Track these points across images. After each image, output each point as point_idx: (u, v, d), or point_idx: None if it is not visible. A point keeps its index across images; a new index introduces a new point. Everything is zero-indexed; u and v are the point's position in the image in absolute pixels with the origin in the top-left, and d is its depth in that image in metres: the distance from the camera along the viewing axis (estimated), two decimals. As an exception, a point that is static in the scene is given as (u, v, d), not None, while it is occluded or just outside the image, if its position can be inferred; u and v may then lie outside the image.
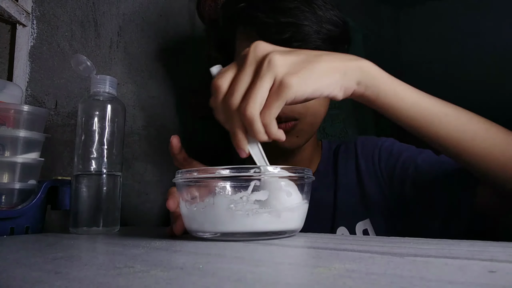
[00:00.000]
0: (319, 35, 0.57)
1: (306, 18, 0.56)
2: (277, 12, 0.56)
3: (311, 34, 0.57)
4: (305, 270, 0.23)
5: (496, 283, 0.18)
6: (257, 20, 0.57)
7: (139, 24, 0.84)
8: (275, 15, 0.56)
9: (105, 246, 0.39)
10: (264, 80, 0.37)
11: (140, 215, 0.80)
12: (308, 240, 0.39)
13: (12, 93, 0.55)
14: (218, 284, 0.19)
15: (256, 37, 0.58)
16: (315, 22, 0.57)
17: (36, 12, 0.65)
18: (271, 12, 0.57)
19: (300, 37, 0.56)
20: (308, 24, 0.56)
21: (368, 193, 0.64)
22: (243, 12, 0.60)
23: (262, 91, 0.37)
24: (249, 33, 0.60)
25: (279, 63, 0.37)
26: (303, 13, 0.56)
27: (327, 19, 0.58)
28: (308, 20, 0.56)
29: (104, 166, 0.52)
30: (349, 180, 0.66)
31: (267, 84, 0.37)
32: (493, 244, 0.31)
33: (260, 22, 0.57)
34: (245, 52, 0.39)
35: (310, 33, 0.56)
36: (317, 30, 0.57)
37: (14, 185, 0.51)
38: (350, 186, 0.66)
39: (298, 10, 0.56)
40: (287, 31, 0.56)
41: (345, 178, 0.67)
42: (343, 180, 0.66)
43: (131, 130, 0.80)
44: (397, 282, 0.19)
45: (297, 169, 0.39)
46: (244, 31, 0.62)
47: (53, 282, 0.21)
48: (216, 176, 0.37)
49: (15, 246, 0.39)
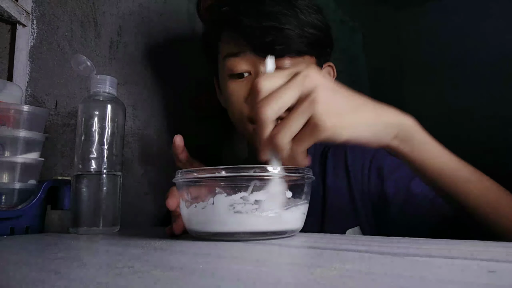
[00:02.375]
0: (301, 39, 0.58)
1: (288, 21, 0.57)
2: (260, 16, 0.57)
3: (294, 38, 0.57)
4: (305, 270, 0.23)
5: (496, 283, 0.18)
6: (241, 24, 0.58)
7: (139, 24, 0.84)
8: (258, 19, 0.57)
9: (105, 246, 0.39)
10: (302, 114, 0.36)
11: (140, 215, 0.80)
12: (308, 240, 0.39)
13: (12, 93, 0.55)
14: (218, 284, 0.19)
15: (240, 39, 0.59)
16: (297, 25, 0.57)
17: (36, 12, 0.65)
18: (254, 16, 0.57)
19: (282, 40, 0.57)
20: (290, 28, 0.57)
21: (357, 201, 0.63)
22: (227, 15, 0.61)
23: (297, 123, 0.37)
24: (233, 36, 0.61)
25: (322, 102, 0.36)
26: (285, 16, 0.57)
27: (310, 23, 0.59)
28: (291, 24, 0.57)
29: (104, 166, 0.52)
30: (339, 187, 0.65)
31: (304, 118, 0.37)
32: (493, 244, 0.31)
33: (244, 25, 0.58)
34: (298, 70, 0.39)
35: (292, 37, 0.57)
36: (300, 34, 0.58)
37: (14, 185, 0.51)
38: (339, 192, 0.64)
39: (281, 14, 0.57)
40: (270, 34, 0.56)
41: (335, 184, 0.65)
42: (333, 186, 0.65)
43: (131, 130, 0.80)
44: (397, 282, 0.19)
45: (297, 169, 0.39)
46: (228, 33, 0.63)
47: (53, 282, 0.21)
48: (216, 176, 0.37)
49: (15, 246, 0.39)
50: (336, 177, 0.66)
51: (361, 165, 0.64)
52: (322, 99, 0.36)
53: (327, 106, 0.37)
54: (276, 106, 0.37)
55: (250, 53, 0.59)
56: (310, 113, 0.36)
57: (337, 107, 0.37)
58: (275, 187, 0.37)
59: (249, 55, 0.60)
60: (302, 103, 0.37)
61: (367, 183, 0.63)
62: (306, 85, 0.37)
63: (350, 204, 0.63)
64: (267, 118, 0.37)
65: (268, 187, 0.37)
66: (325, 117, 0.36)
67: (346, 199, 0.63)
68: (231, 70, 0.61)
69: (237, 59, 0.61)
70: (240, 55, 0.60)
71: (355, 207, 0.63)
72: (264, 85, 0.38)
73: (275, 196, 0.37)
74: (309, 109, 0.36)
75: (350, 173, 0.65)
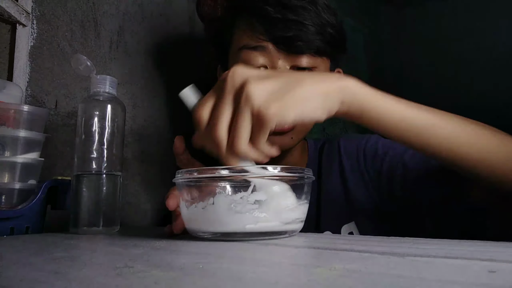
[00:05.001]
0: (322, 37, 0.57)
1: (311, 18, 0.56)
2: (286, 8, 0.56)
3: (315, 36, 0.56)
4: (305, 270, 0.23)
5: (496, 283, 0.18)
6: (265, 13, 0.56)
7: (139, 24, 0.84)
8: (283, 11, 0.55)
9: (105, 246, 0.39)
10: (244, 116, 0.36)
11: (140, 215, 0.80)
12: (308, 240, 0.39)
13: (12, 93, 0.55)
14: (218, 284, 0.19)
15: (259, 29, 0.57)
16: (319, 24, 0.57)
17: (36, 12, 0.65)
18: (279, 7, 0.56)
19: (303, 37, 0.56)
20: (312, 25, 0.56)
21: (353, 195, 0.62)
22: (252, 2, 0.59)
23: (244, 127, 0.37)
24: (252, 25, 0.59)
25: (255, 94, 0.36)
26: (309, 13, 0.56)
27: (329, 22, 0.58)
28: (313, 20, 0.56)
29: (104, 166, 0.52)
30: (333, 183, 0.64)
31: (248, 118, 0.36)
32: (493, 244, 0.31)
33: (267, 15, 0.56)
34: (223, 77, 0.39)
35: (314, 34, 0.56)
36: (320, 31, 0.57)
37: (14, 185, 0.51)
38: (334, 188, 0.64)
39: (305, 10, 0.56)
40: (292, 29, 0.55)
41: (329, 180, 0.65)
42: (327, 183, 0.65)
43: (131, 130, 0.80)
44: (397, 282, 0.19)
45: (297, 169, 0.39)
46: (246, 22, 0.60)
47: (53, 282, 0.21)
48: (216, 176, 0.37)
49: (15, 246, 0.39)
50: (331, 173, 0.65)
51: (355, 156, 0.64)
52: (253, 90, 0.36)
53: (262, 94, 0.36)
54: (221, 124, 0.37)
55: (270, 47, 0.58)
56: (250, 109, 0.36)
57: (271, 91, 0.37)
58: (275, 187, 0.37)
59: (268, 49, 0.58)
60: (239, 104, 0.37)
61: (365, 171, 0.62)
62: (236, 83, 0.37)
63: (345, 200, 0.63)
64: (219, 139, 0.37)
65: (268, 187, 0.37)
66: (265, 105, 0.36)
67: (341, 195, 0.63)
68: (247, 63, 0.59)
69: (254, 53, 0.58)
70: (258, 49, 0.58)
71: (350, 203, 0.62)
72: (201, 114, 0.39)
73: (275, 196, 0.37)
74: (246, 106, 0.36)
75: (344, 168, 0.64)
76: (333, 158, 0.66)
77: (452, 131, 0.42)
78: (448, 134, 0.42)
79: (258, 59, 0.58)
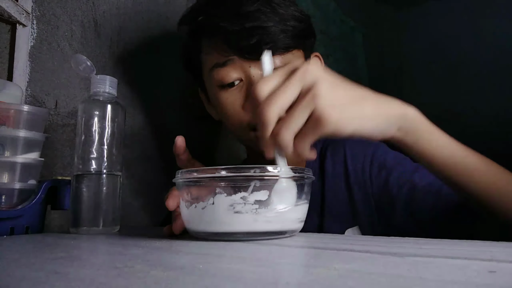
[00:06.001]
0: (286, 34, 0.57)
1: (270, 19, 0.55)
2: (241, 18, 0.55)
3: (278, 34, 0.56)
4: (305, 270, 0.23)
5: (496, 283, 0.18)
6: (222, 30, 0.56)
7: (139, 24, 0.84)
8: (239, 22, 0.55)
9: (105, 246, 0.39)
10: (304, 110, 0.36)
11: (140, 215, 0.80)
12: (308, 240, 0.39)
13: (12, 93, 0.55)
14: (218, 284, 0.19)
15: (223, 46, 0.57)
16: (279, 21, 0.56)
17: (36, 12, 0.65)
18: (234, 19, 0.55)
19: (268, 39, 0.55)
20: (273, 25, 0.55)
21: (356, 201, 0.61)
22: (205, 24, 0.59)
23: (299, 120, 0.36)
24: (215, 44, 0.59)
25: (325, 97, 0.36)
26: (266, 14, 0.55)
27: (290, 15, 0.57)
28: (272, 20, 0.55)
29: (104, 166, 0.52)
30: (337, 186, 0.63)
31: (306, 114, 0.36)
32: (493, 244, 0.31)
33: (225, 31, 0.56)
34: (295, 66, 0.38)
35: (277, 34, 0.56)
36: (283, 29, 0.56)
37: (14, 185, 0.51)
38: (338, 191, 0.63)
39: (260, 13, 0.55)
40: (255, 35, 0.55)
41: (333, 183, 0.64)
42: (331, 184, 0.64)
43: (131, 130, 0.80)
44: (397, 282, 0.19)
45: (297, 169, 0.39)
46: (209, 43, 0.60)
47: (53, 282, 0.21)
48: (216, 176, 0.37)
49: (15, 246, 0.39)
50: (335, 176, 0.64)
51: (361, 163, 0.63)
52: (323, 92, 0.36)
53: (329, 99, 0.36)
54: (278, 105, 0.36)
55: (238, 59, 0.57)
56: (312, 108, 0.36)
57: (339, 100, 0.37)
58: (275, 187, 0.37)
59: (237, 62, 0.57)
60: (304, 98, 0.36)
61: (368, 180, 0.61)
62: (306, 80, 0.37)
63: (349, 203, 0.62)
64: (270, 118, 0.36)
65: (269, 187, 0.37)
66: (328, 110, 0.35)
67: (345, 199, 0.62)
68: (221, 81, 0.59)
69: (225, 69, 0.58)
70: (227, 64, 0.58)
71: (354, 207, 0.61)
72: (262, 89, 0.37)
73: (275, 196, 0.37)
74: (311, 103, 0.36)
75: (349, 172, 0.63)
76: (338, 161, 0.65)
77: (489, 178, 0.44)
78: (486, 180, 0.44)
79: (231, 74, 0.58)
